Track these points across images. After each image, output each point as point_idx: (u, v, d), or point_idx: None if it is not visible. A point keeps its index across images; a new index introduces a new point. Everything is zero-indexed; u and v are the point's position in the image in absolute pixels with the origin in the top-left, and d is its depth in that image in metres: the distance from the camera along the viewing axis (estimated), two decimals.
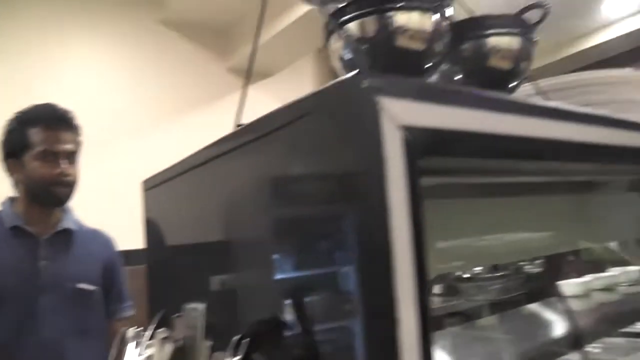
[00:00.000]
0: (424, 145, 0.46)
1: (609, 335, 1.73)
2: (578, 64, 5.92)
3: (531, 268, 2.02)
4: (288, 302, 0.56)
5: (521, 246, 1.26)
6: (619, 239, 1.86)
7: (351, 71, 0.66)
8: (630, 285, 1.88)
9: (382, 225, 0.44)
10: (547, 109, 0.54)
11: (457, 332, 1.67)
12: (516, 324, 1.58)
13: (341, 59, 0.67)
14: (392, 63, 0.63)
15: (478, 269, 2.83)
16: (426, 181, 0.69)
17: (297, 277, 0.58)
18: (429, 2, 0.61)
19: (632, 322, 1.65)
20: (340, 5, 0.67)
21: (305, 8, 2.96)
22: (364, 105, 0.44)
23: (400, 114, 0.44)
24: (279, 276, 0.61)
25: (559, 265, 2.05)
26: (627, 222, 1.47)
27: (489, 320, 1.68)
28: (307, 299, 0.55)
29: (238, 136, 0.68)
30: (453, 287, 2.66)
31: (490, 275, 2.68)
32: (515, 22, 0.68)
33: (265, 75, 3.84)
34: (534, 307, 1.65)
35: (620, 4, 5.06)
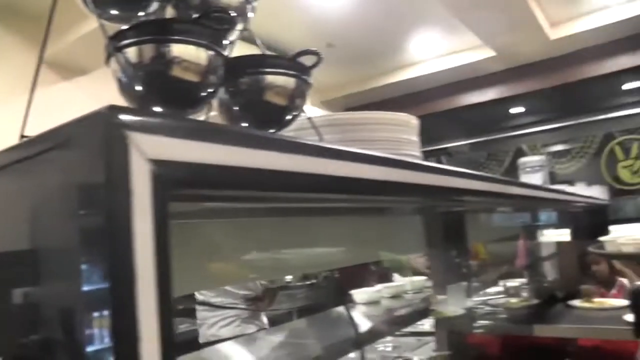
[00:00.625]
0: (174, 178, 0.49)
1: (394, 334, 1.95)
2: (386, 95, 6.56)
3: (332, 278, 2.19)
4: (56, 319, 0.56)
5: (321, 259, 1.36)
6: (408, 253, 2.11)
7: (127, 94, 0.68)
8: (415, 293, 2.15)
9: (128, 252, 0.47)
10: (294, 144, 0.59)
11: (260, 337, 1.76)
12: (314, 328, 1.70)
13: (119, 80, 0.68)
14: (166, 91, 0.65)
15: (289, 278, 3.02)
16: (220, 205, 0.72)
17: (61, 298, 0.58)
18: (206, 37, 0.65)
19: (413, 322, 1.88)
20: (122, 28, 0.68)
21: None
22: (114, 139, 0.46)
23: (149, 148, 0.47)
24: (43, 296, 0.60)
25: (357, 275, 2.26)
26: (414, 239, 1.67)
27: (291, 324, 1.79)
28: (72, 317, 0.55)
29: (11, 152, 0.66)
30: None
31: (298, 284, 2.87)
32: (291, 64, 0.75)
33: (85, 70, 3.60)
34: (331, 312, 1.79)
35: (427, 46, 5.71)
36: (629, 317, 1.89)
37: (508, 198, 1.46)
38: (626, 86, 6.21)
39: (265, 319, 2.84)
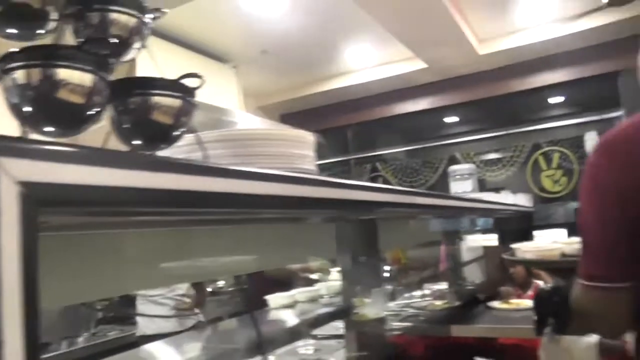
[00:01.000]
0: (42, 199, 0.54)
1: (314, 337, 2.02)
2: (321, 102, 6.67)
3: (248, 284, 2.24)
4: None
5: (230, 267, 1.41)
6: (325, 258, 2.19)
7: (15, 113, 0.72)
8: (331, 297, 2.23)
9: None
10: (156, 162, 0.64)
11: (180, 341, 1.79)
12: (232, 333, 1.75)
13: (8, 100, 0.72)
14: (53, 112, 0.70)
15: (221, 283, 3.13)
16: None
17: None
18: (89, 63, 0.70)
19: (326, 323, 1.95)
20: (10, 51, 0.72)
21: None
22: None
23: (18, 171, 0.52)
24: None
25: (272, 281, 2.33)
26: (331, 245, 1.74)
27: (212, 329, 1.84)
28: None
29: None
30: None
31: (227, 289, 2.98)
32: (176, 86, 0.82)
33: None
34: (243, 318, 1.85)
35: (361, 56, 5.85)
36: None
37: (410, 208, 1.55)
38: (552, 100, 6.58)
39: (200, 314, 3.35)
